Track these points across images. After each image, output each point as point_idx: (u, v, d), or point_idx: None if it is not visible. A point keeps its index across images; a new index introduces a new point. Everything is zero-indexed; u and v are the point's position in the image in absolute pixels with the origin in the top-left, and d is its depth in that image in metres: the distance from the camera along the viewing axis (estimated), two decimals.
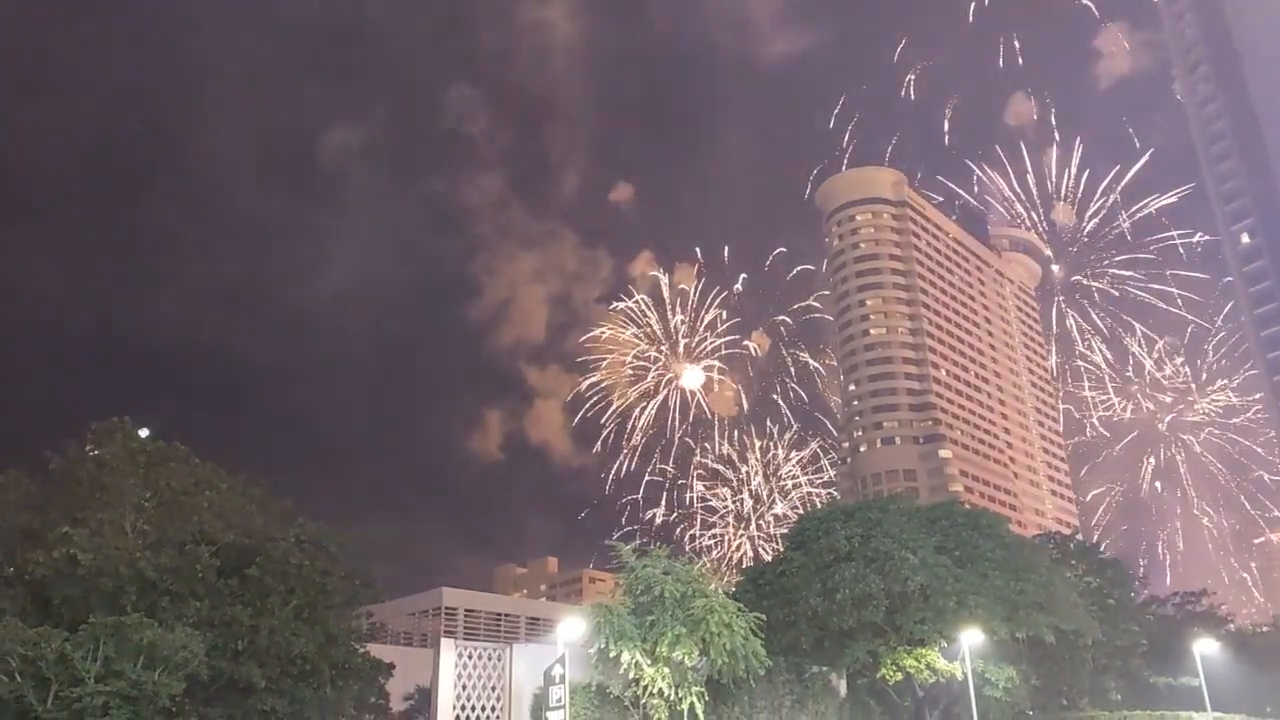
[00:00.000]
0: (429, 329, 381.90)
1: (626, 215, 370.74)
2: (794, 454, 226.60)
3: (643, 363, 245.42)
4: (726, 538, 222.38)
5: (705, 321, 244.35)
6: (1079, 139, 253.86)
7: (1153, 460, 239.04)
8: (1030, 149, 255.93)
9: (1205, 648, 53.79)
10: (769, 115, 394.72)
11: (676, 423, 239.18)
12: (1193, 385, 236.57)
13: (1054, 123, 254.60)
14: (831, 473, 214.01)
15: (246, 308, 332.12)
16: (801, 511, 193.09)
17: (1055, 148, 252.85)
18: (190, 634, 30.41)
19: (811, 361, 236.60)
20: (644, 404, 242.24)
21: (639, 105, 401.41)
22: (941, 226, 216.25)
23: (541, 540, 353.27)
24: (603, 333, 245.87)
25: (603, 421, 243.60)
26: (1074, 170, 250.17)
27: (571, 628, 27.35)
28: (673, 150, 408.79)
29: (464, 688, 29.87)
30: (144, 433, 39.72)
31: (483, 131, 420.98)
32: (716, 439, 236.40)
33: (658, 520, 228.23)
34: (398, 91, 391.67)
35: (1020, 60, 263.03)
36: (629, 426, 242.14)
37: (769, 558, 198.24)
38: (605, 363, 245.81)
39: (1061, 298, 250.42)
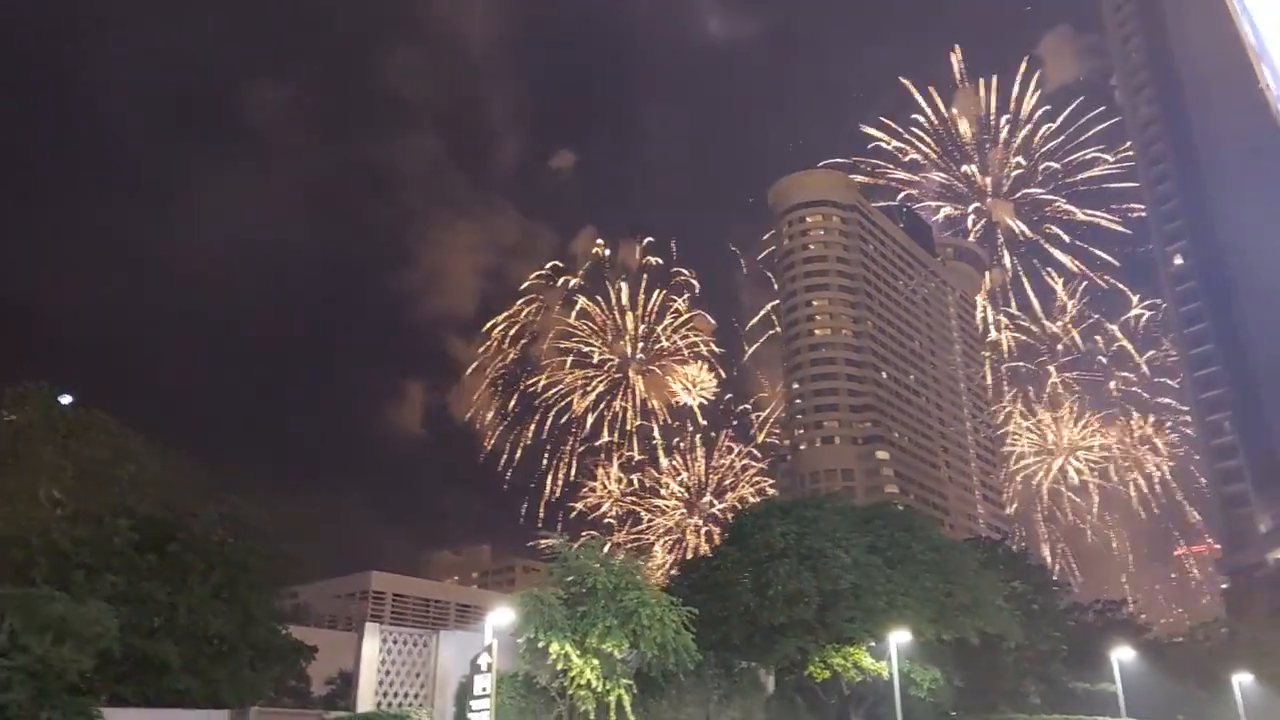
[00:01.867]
0: (353, 296, 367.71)
1: (568, 187, 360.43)
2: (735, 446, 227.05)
3: (583, 345, 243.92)
4: (656, 524, 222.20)
5: (652, 308, 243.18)
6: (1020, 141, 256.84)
7: (1076, 472, 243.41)
8: (976, 147, 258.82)
9: (1123, 655, 54.82)
10: (715, 97, 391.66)
11: (618, 408, 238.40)
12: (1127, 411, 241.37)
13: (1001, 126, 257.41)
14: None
15: (150, 265, 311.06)
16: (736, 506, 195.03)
17: (1001, 146, 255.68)
18: (104, 609, 29.37)
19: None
20: (580, 387, 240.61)
21: (582, 77, 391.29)
22: (889, 232, 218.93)
23: (467, 522, 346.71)
24: (537, 310, 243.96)
25: (536, 404, 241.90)
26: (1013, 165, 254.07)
27: (500, 616, 26.88)
28: (616, 125, 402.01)
29: (387, 673, 29.25)
30: (65, 399, 38.38)
31: (419, 95, 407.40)
32: (658, 427, 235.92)
33: (586, 507, 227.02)
34: (330, 49, 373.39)
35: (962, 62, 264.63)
36: (560, 408, 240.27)
37: (696, 545, 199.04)
38: (541, 343, 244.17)
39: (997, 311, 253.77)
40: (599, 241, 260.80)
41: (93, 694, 28.10)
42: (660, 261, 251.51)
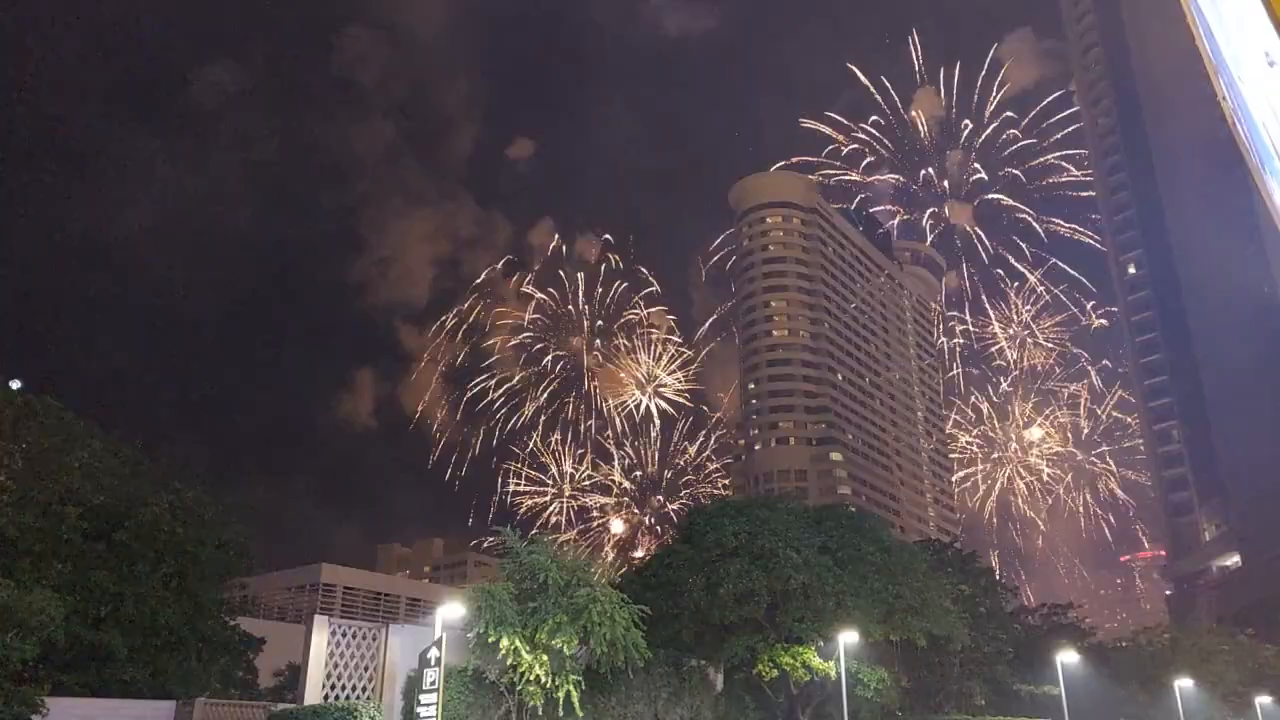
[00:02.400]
0: (302, 284, 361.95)
1: (525, 178, 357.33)
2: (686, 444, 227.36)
3: (537, 341, 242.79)
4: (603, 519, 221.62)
5: (609, 304, 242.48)
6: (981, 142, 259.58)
7: (1025, 478, 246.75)
8: (935, 149, 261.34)
9: (1067, 658, 55.79)
10: (675, 89, 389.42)
11: (571, 406, 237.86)
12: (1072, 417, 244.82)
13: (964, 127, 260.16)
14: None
15: (92, 250, 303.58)
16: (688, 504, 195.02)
17: (960, 151, 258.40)
18: (50, 597, 29.03)
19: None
20: (533, 384, 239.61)
21: (540, 66, 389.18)
22: (847, 235, 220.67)
23: (419, 515, 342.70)
24: (487, 307, 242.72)
25: (493, 399, 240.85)
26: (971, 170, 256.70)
27: (451, 610, 26.92)
28: (574, 116, 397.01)
29: (335, 666, 29.16)
30: (15, 384, 37.85)
31: (373, 79, 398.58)
32: (620, 421, 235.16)
33: (541, 502, 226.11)
34: (283, 32, 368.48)
35: (921, 59, 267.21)
36: (512, 404, 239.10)
37: (647, 543, 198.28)
38: (494, 338, 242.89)
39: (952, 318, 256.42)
40: (555, 236, 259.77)
41: (37, 683, 27.82)
42: (618, 260, 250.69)
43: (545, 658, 28.96)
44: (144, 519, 36.72)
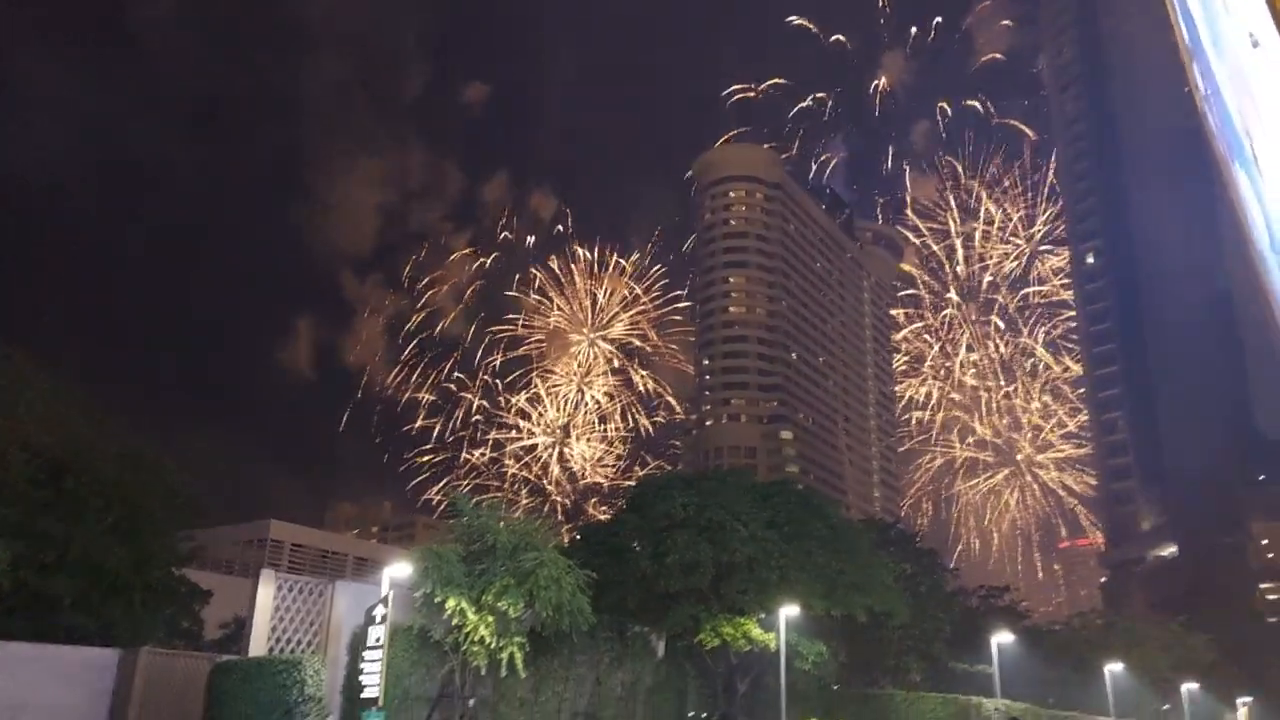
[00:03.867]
0: (239, 224, 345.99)
1: (479, 124, 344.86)
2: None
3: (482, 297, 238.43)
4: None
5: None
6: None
7: (970, 463, 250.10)
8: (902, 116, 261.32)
9: (1002, 639, 57.25)
10: (635, 38, 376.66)
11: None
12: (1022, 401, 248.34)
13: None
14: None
15: (10, 181, 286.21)
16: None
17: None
18: None
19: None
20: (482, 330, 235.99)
21: (492, 5, 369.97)
22: (810, 213, 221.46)
23: (363, 473, 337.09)
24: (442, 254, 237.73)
25: (439, 357, 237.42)
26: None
27: (398, 569, 27.19)
28: (530, 60, 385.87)
29: (280, 620, 29.33)
30: None
31: (323, 12, 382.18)
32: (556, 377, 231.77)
33: (476, 459, 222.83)
34: None
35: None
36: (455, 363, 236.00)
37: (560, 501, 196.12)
38: (442, 287, 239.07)
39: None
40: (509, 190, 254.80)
41: None
42: (568, 226, 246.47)
43: (491, 619, 29.29)
44: (93, 466, 36.48)
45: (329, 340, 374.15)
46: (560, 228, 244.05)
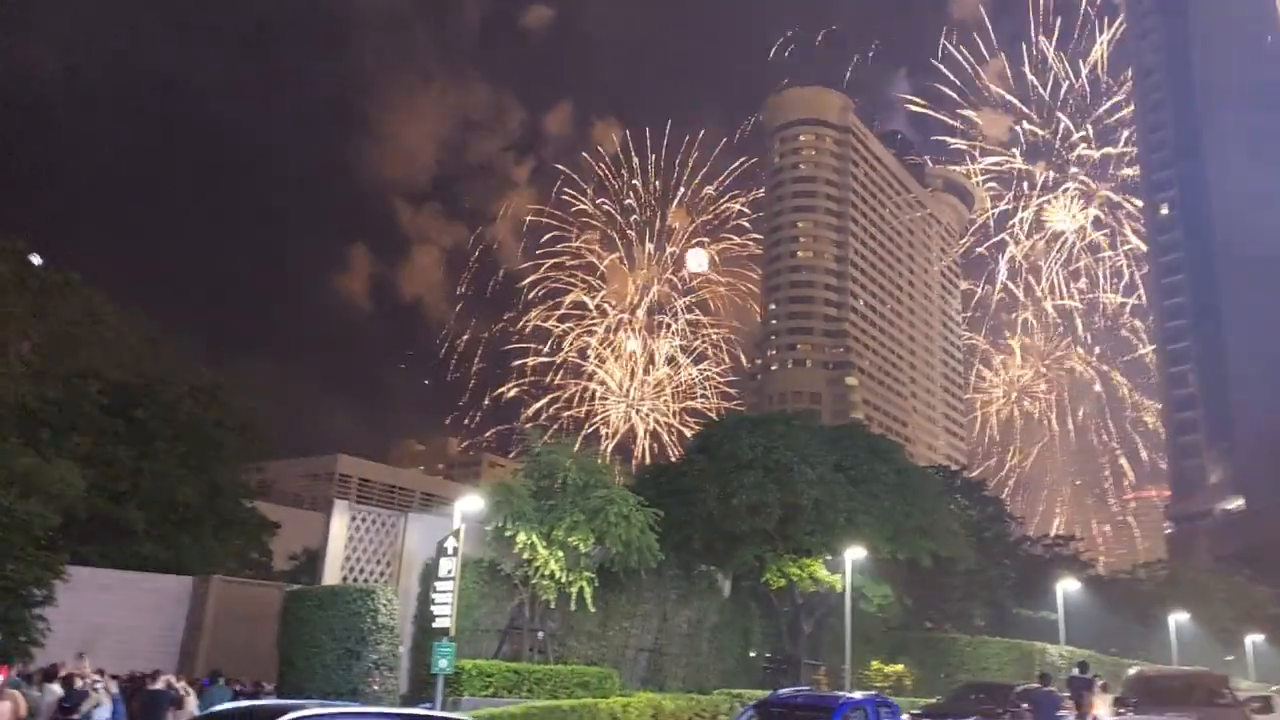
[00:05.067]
0: (292, 155, 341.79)
1: (542, 54, 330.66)
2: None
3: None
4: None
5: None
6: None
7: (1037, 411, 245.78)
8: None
9: (1067, 586, 56.34)
10: None
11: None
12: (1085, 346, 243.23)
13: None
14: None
15: (56, 109, 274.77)
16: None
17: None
18: (71, 468, 29.39)
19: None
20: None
21: None
22: (880, 158, 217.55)
23: (421, 404, 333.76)
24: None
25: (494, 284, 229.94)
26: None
27: (469, 503, 27.13)
28: None
29: (354, 550, 29.54)
30: (35, 259, 37.76)
31: None
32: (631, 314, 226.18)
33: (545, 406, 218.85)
34: None
35: None
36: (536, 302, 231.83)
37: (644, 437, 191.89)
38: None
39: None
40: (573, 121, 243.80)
41: (55, 551, 28.30)
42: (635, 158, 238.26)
43: (560, 554, 29.31)
44: (163, 398, 36.95)
45: (384, 271, 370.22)
46: (627, 167, 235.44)
